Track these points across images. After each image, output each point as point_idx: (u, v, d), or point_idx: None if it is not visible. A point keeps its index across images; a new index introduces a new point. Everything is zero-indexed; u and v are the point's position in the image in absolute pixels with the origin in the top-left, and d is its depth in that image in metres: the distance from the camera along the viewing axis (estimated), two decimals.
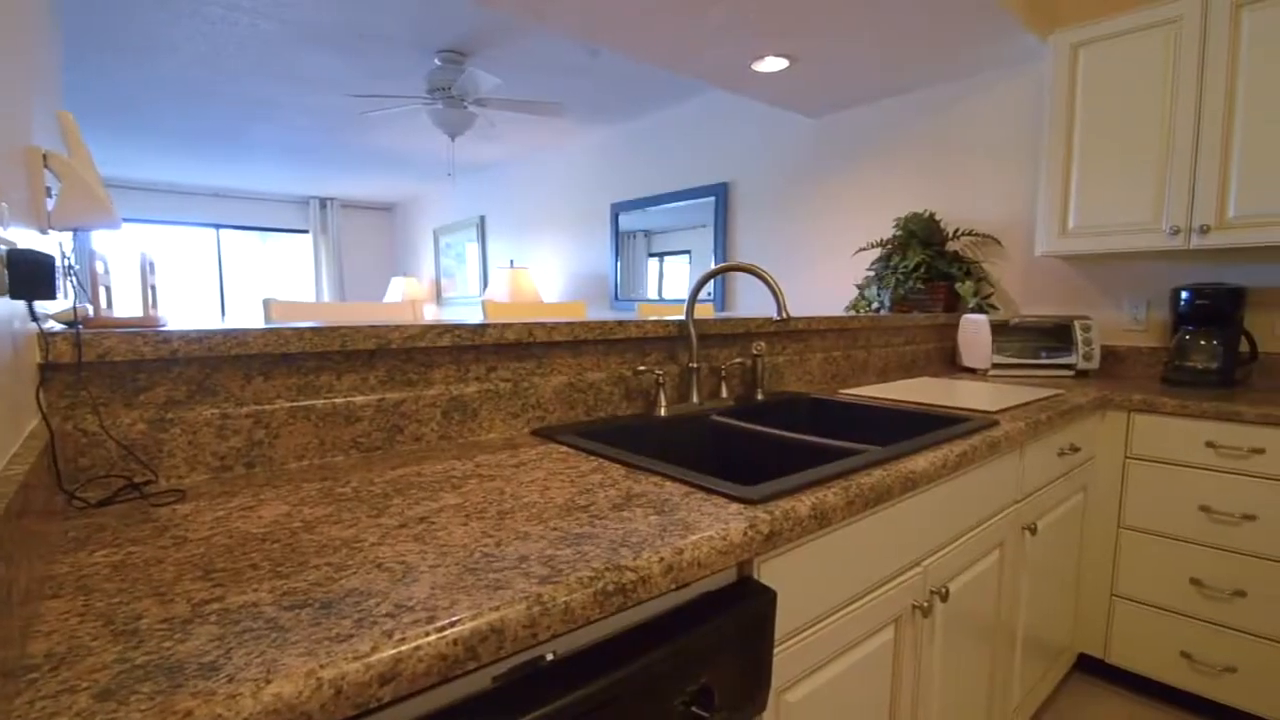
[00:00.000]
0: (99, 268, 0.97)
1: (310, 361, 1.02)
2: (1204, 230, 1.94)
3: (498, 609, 0.54)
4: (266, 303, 1.66)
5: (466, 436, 1.17)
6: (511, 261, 5.28)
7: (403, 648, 0.49)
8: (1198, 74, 1.94)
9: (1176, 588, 1.81)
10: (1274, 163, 1.83)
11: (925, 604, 1.13)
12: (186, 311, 6.93)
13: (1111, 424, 1.89)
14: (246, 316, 7.22)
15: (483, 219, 6.29)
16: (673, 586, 0.67)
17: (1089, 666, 2.07)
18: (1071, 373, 2.26)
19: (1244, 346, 2.06)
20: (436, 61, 3.39)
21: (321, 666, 0.46)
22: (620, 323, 1.38)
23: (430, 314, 7.36)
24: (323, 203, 7.53)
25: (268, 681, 0.44)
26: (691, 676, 0.68)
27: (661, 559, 0.65)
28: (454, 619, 0.52)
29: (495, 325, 1.18)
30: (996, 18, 2.21)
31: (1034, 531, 1.53)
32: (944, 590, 1.18)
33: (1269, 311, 2.11)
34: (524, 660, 0.59)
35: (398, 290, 6.84)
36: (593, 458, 1.04)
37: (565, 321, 1.29)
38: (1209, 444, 1.73)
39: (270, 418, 0.98)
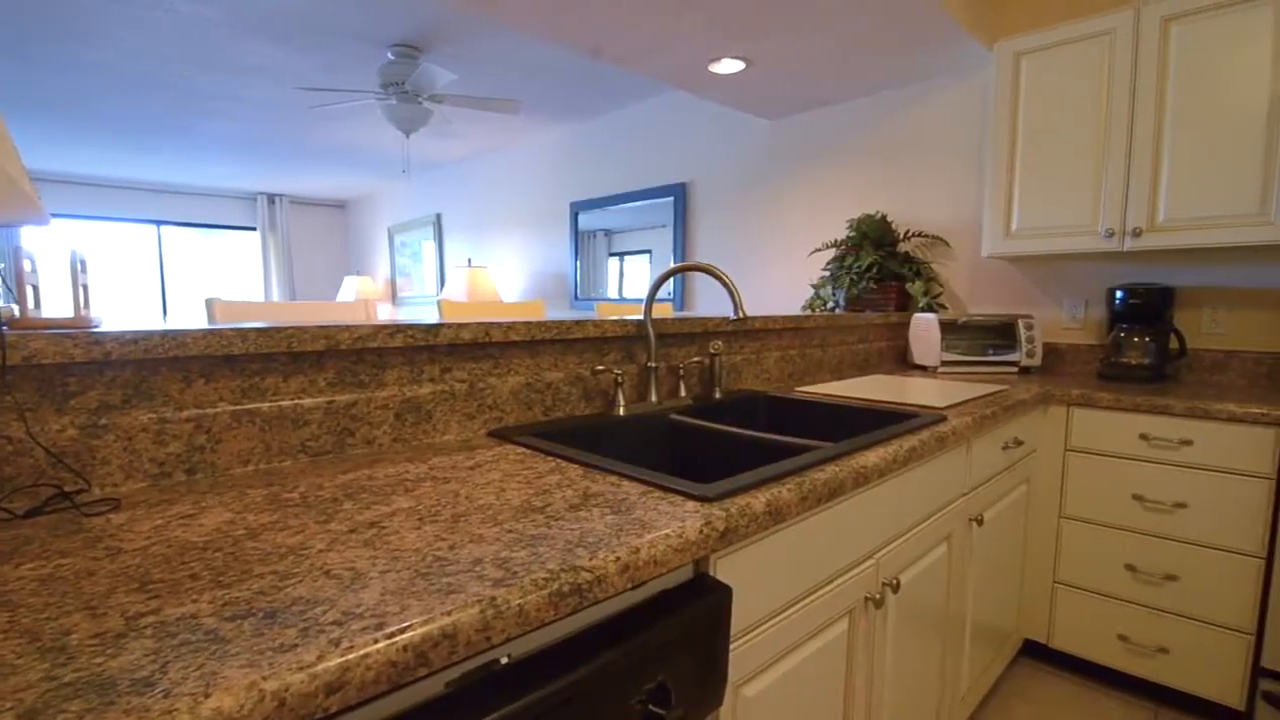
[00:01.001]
0: (26, 266, 0.92)
1: (255, 363, 0.98)
2: (1137, 233, 2.04)
3: (450, 613, 0.53)
4: (209, 302, 1.60)
5: (421, 439, 1.15)
6: (469, 260, 5.21)
7: (350, 656, 0.48)
8: (1130, 84, 2.04)
9: (1113, 573, 1.89)
10: (1200, 169, 1.93)
11: (878, 596, 1.16)
12: (124, 312, 6.63)
13: (1052, 418, 1.97)
14: (188, 317, 6.95)
15: (439, 217, 6.19)
16: (629, 585, 0.67)
17: (1034, 651, 2.15)
18: (1016, 369, 2.35)
19: (1173, 343, 2.18)
20: (390, 55, 3.32)
21: (264, 678, 0.44)
22: (578, 322, 1.38)
23: (385, 314, 7.21)
24: (271, 199, 7.30)
25: (206, 695, 0.42)
26: (648, 675, 0.68)
27: (618, 558, 0.65)
28: (405, 625, 0.51)
29: (450, 325, 1.16)
30: (945, 26, 2.28)
31: (980, 523, 1.59)
32: (895, 582, 1.21)
33: (1196, 310, 2.23)
34: (478, 665, 0.59)
35: (351, 290, 6.68)
36: (550, 458, 1.04)
37: (522, 321, 1.28)
38: (1142, 436, 1.81)
39: (212, 422, 0.94)
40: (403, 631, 0.51)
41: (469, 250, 5.83)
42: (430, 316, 2.01)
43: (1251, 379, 2.12)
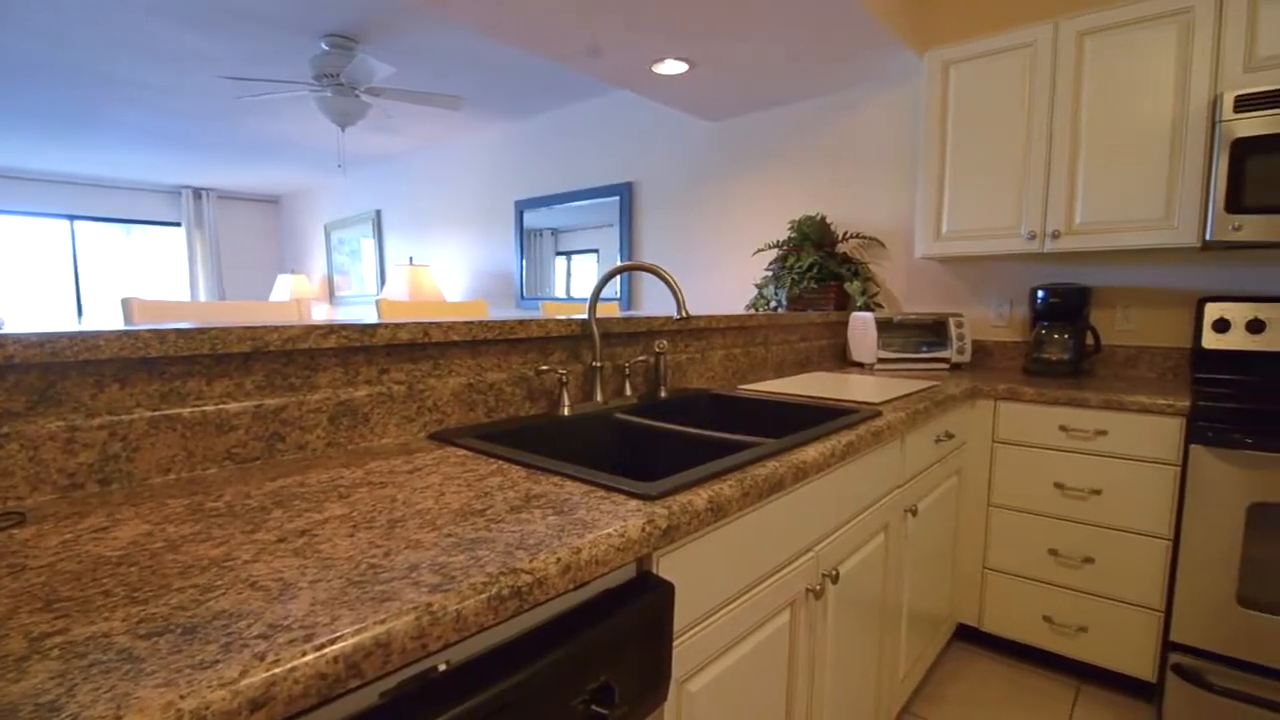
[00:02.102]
0: None
1: (175, 366, 0.93)
2: (1055, 235, 2.16)
3: (384, 622, 0.52)
4: (126, 302, 1.51)
5: (357, 443, 1.12)
6: (411, 259, 5.08)
7: (276, 670, 0.46)
8: (1050, 95, 2.15)
9: (1037, 558, 2.00)
10: (1112, 176, 2.06)
11: (818, 587, 1.19)
12: (32, 312, 6.19)
13: (981, 412, 2.06)
14: (104, 318, 6.54)
15: (379, 214, 6.01)
16: (571, 586, 0.67)
17: (966, 635, 2.25)
18: (947, 366, 2.45)
19: (1090, 340, 2.31)
20: (323, 46, 3.20)
21: (181, 697, 0.42)
22: (521, 322, 1.36)
23: (323, 314, 6.96)
24: (197, 193, 6.94)
25: (118, 718, 0.40)
26: (591, 675, 0.68)
27: (559, 559, 0.65)
28: (335, 635, 0.50)
29: (387, 325, 1.13)
30: (878, 34, 2.36)
31: (915, 513, 1.65)
32: (835, 573, 1.25)
33: (1110, 308, 2.37)
34: (415, 673, 0.57)
35: (285, 289, 6.42)
36: (492, 460, 1.02)
37: (463, 321, 1.25)
38: (1062, 427, 1.92)
39: (128, 429, 0.89)
40: (333, 642, 0.49)
41: (410, 248, 5.69)
42: (369, 316, 1.95)
43: (1160, 372, 2.28)
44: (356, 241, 6.37)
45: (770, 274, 3.05)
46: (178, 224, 6.98)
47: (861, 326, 2.51)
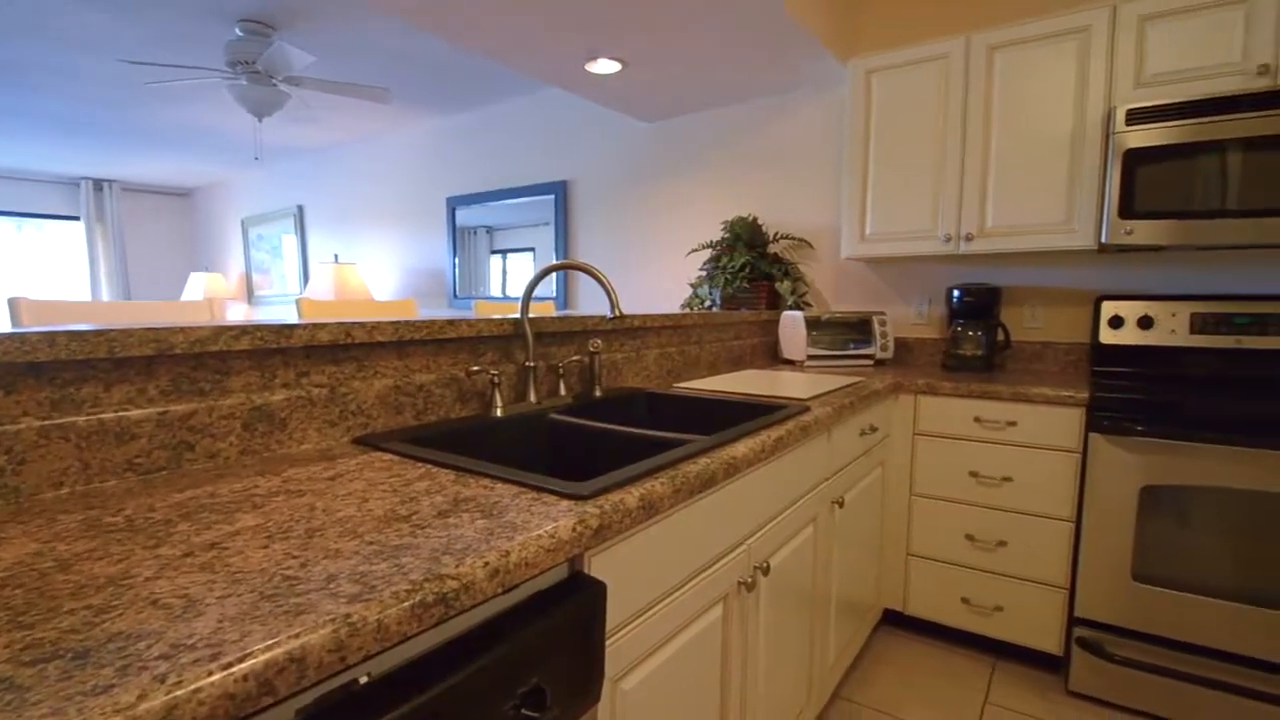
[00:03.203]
0: None
1: (68, 371, 0.87)
2: (969, 238, 2.28)
3: (298, 636, 0.50)
4: (13, 302, 1.39)
5: (274, 449, 1.07)
6: (336, 256, 4.88)
7: (179, 692, 0.43)
8: (963, 104, 2.27)
9: (955, 543, 2.11)
10: (1019, 182, 2.19)
11: (749, 580, 1.21)
12: None
13: (903, 406, 2.15)
14: None
15: (301, 209, 5.75)
16: (500, 590, 0.66)
17: (893, 619, 2.35)
18: (871, 362, 2.55)
19: (1001, 336, 2.45)
20: (238, 31, 3.04)
21: None
22: (451, 321, 1.33)
23: (241, 314, 6.61)
24: (98, 185, 6.45)
25: None
26: (522, 678, 0.68)
27: (487, 563, 0.64)
28: (244, 653, 0.47)
29: (305, 325, 1.08)
30: (804, 41, 2.42)
31: (842, 505, 1.71)
32: (766, 565, 1.28)
33: (1019, 307, 2.52)
34: (335, 687, 0.55)
35: (199, 288, 6.06)
36: (420, 464, 1.00)
37: (389, 321, 1.22)
38: (976, 419, 2.03)
39: (15, 440, 0.82)
40: (242, 660, 0.47)
41: (336, 245, 5.47)
42: (289, 316, 1.86)
43: (1063, 366, 2.44)
44: (277, 238, 6.08)
45: (704, 273, 3.09)
46: (76, 218, 6.48)
47: (792, 325, 2.58)
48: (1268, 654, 1.64)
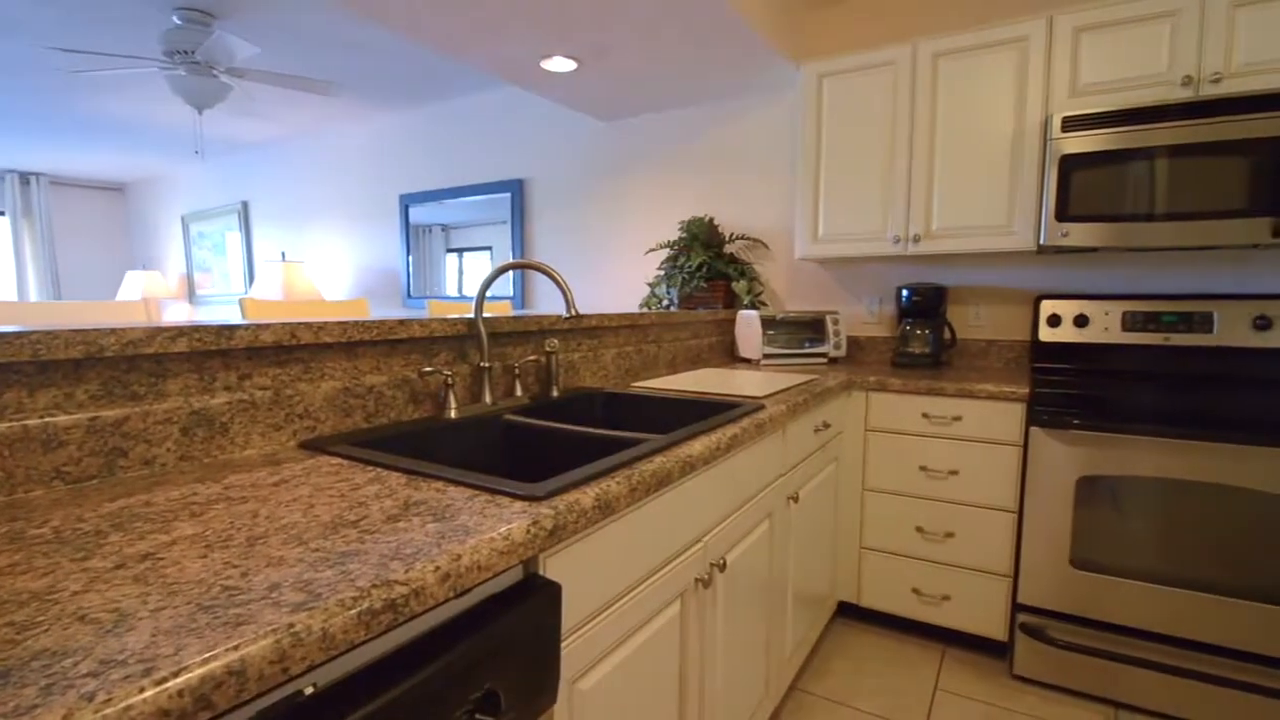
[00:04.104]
0: None
1: None
2: (916, 239, 2.35)
3: (238, 648, 0.48)
4: None
5: (215, 455, 1.03)
6: (284, 254, 4.72)
7: (108, 710, 0.41)
8: (910, 109, 2.33)
9: (906, 535, 2.16)
10: (963, 185, 2.26)
11: (706, 577, 1.22)
12: None
13: (855, 402, 2.20)
14: None
15: (245, 205, 5.55)
16: (452, 594, 0.65)
17: (847, 611, 2.40)
18: (825, 360, 2.60)
19: (948, 335, 2.54)
20: (175, 19, 2.91)
21: None
22: (403, 322, 1.30)
23: (183, 314, 6.34)
24: (25, 178, 6.10)
25: None
26: (475, 683, 0.67)
27: (437, 568, 0.63)
28: (179, 667, 0.45)
29: (248, 326, 1.04)
30: (756, 45, 2.45)
31: (797, 500, 1.74)
32: (722, 562, 1.29)
33: (964, 306, 2.61)
34: (279, 699, 0.53)
35: (136, 287, 5.79)
36: (370, 468, 0.97)
37: (337, 321, 1.18)
38: (924, 415, 2.09)
39: None
40: (176, 674, 0.45)
41: (283, 243, 5.30)
42: (232, 317, 1.80)
43: (1005, 363, 2.53)
44: (220, 235, 5.85)
45: (662, 273, 3.10)
46: (1, 213, 6.11)
47: (747, 324, 2.61)
48: (1196, 634, 1.73)
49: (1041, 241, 2.09)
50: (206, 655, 0.47)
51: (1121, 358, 2.23)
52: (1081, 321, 2.27)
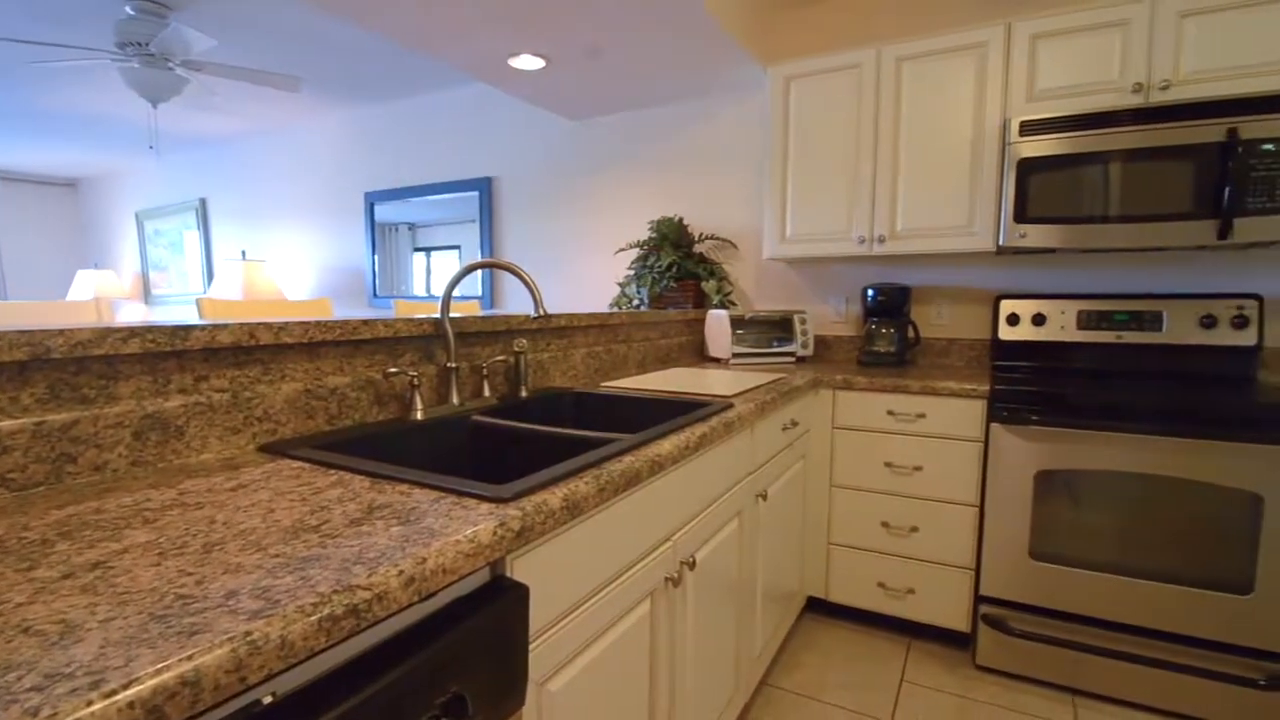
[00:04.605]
0: None
1: None
2: (881, 240, 2.39)
3: (192, 658, 0.47)
4: None
5: (170, 460, 1.00)
6: (244, 253, 4.61)
7: None
8: (875, 111, 2.37)
9: (872, 530, 2.20)
10: (926, 187, 2.31)
11: (676, 575, 1.23)
12: None
13: (822, 400, 2.23)
14: None
15: (204, 202, 5.40)
16: (417, 598, 0.64)
17: (816, 606, 2.44)
18: (793, 359, 2.63)
19: (912, 333, 2.59)
20: (128, 9, 2.82)
21: None
22: (367, 321, 1.28)
23: (137, 314, 6.14)
24: None
25: None
26: (441, 687, 0.66)
27: (401, 571, 0.62)
28: (130, 678, 0.44)
29: (204, 327, 1.01)
30: (728, 46, 2.47)
31: (765, 498, 1.76)
32: (692, 560, 1.30)
33: (927, 305, 2.66)
34: (236, 709, 0.52)
35: (88, 287, 5.58)
36: (333, 471, 0.95)
37: (298, 321, 1.16)
38: (889, 412, 2.13)
39: None
40: (127, 686, 0.43)
41: (244, 242, 5.16)
42: (189, 317, 1.75)
43: (967, 361, 2.59)
44: (177, 233, 5.67)
45: (632, 273, 3.10)
46: None
47: (717, 324, 2.63)
48: (1150, 622, 1.79)
49: (1001, 242, 2.15)
50: (159, 666, 0.45)
51: (1077, 355, 2.30)
52: (1039, 320, 2.34)
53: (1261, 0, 1.84)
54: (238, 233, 5.21)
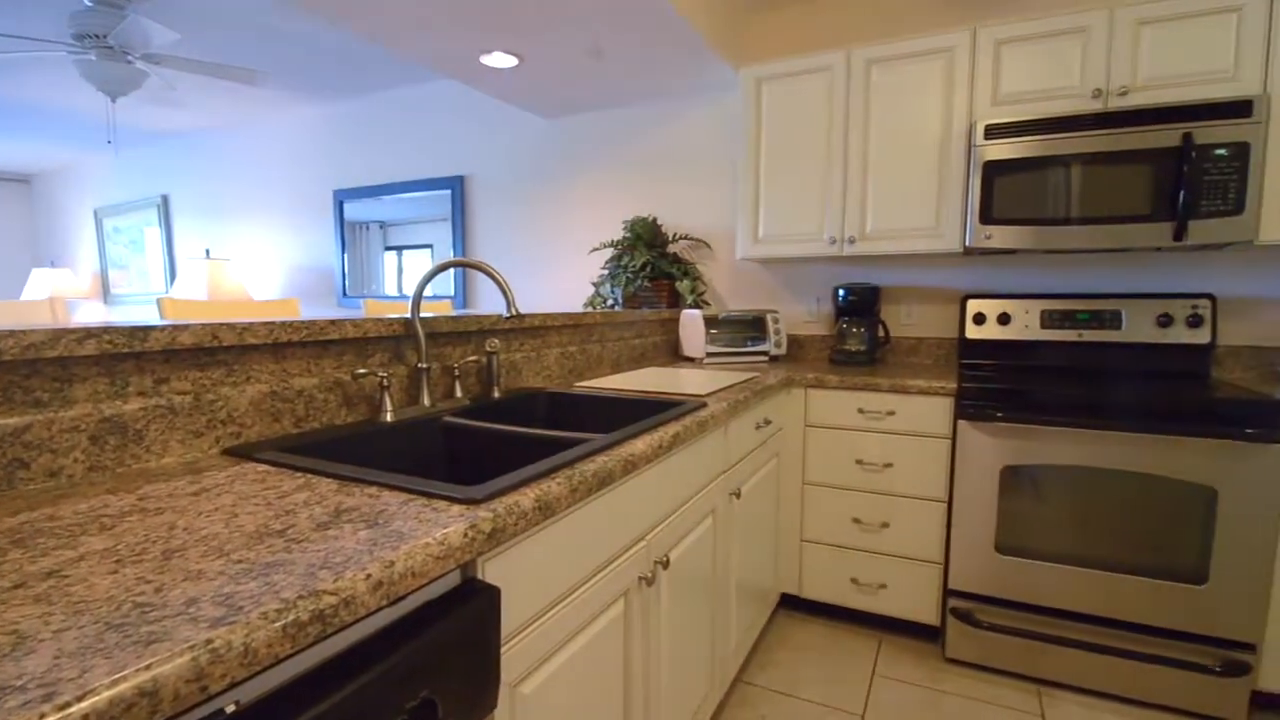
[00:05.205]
0: None
1: None
2: (852, 240, 2.42)
3: (150, 667, 0.45)
4: None
5: (129, 464, 0.97)
6: (208, 251, 4.49)
7: None
8: (845, 114, 2.40)
9: (844, 527, 2.23)
10: (896, 189, 2.35)
11: (650, 575, 1.23)
12: None
13: (795, 399, 2.26)
14: None
15: (166, 199, 5.25)
16: (385, 602, 0.63)
17: (790, 603, 2.46)
18: (766, 358, 2.65)
19: (881, 333, 2.62)
20: (86, 1, 2.73)
21: None
22: (334, 322, 1.26)
23: (95, 314, 5.95)
24: None
25: None
26: (410, 692, 0.65)
27: (369, 576, 0.61)
28: (85, 690, 0.43)
29: (164, 327, 0.99)
30: (700, 47, 2.48)
31: (739, 496, 1.77)
32: (666, 559, 1.30)
33: (896, 305, 2.71)
34: (198, 719, 0.51)
35: (43, 286, 5.40)
36: (299, 474, 0.94)
37: (263, 321, 1.13)
38: (860, 410, 2.16)
39: None
40: (81, 698, 0.42)
41: (208, 240, 5.04)
42: (150, 317, 1.70)
43: (935, 359, 2.64)
44: (138, 230, 5.51)
45: (606, 272, 3.10)
46: None
47: (691, 323, 2.64)
48: (1111, 612, 1.85)
49: (967, 243, 2.19)
50: (115, 676, 0.44)
51: (1041, 353, 2.36)
52: (1004, 320, 2.39)
53: (1214, 10, 1.90)
54: (202, 230, 5.08)
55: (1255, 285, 2.19)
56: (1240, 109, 1.84)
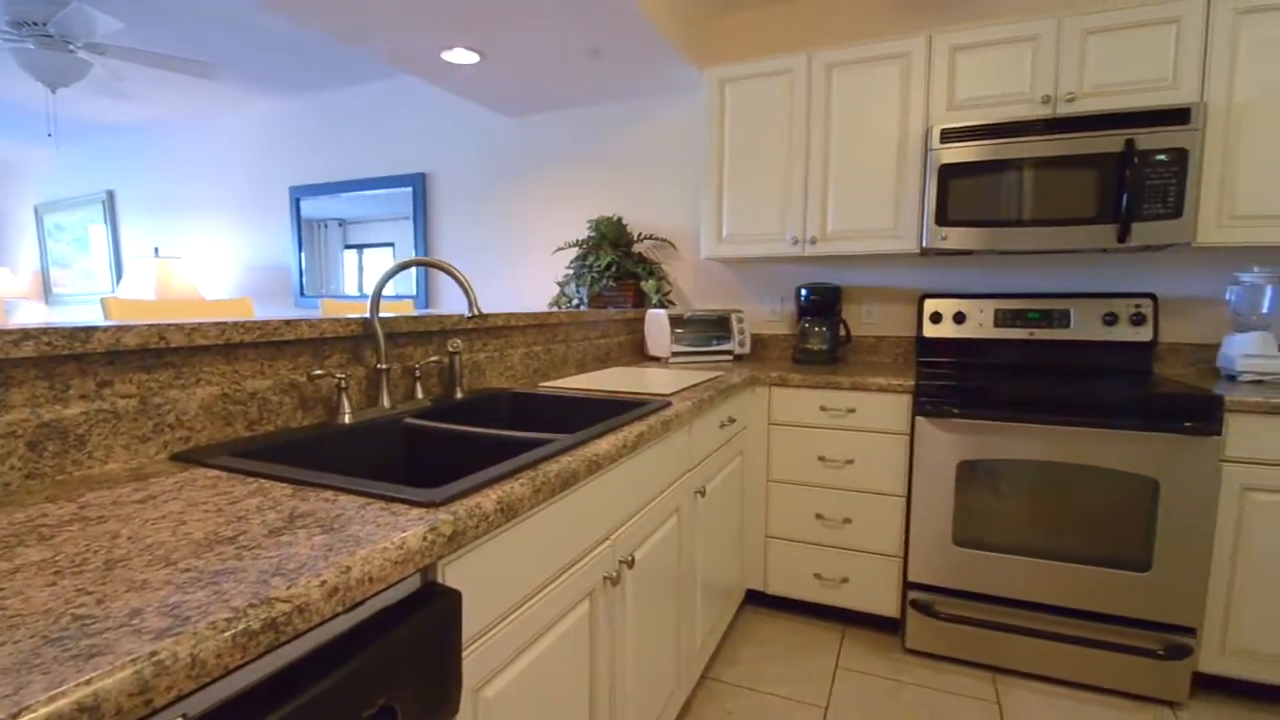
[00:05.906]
0: None
1: None
2: (813, 241, 2.46)
3: (90, 682, 0.44)
4: None
5: (70, 471, 0.93)
6: (156, 250, 4.33)
7: None
8: (806, 116, 2.44)
9: (807, 523, 2.27)
10: (855, 190, 2.39)
11: (615, 574, 1.23)
12: None
13: (758, 397, 2.28)
14: None
15: (111, 195, 5.05)
16: (341, 609, 0.62)
17: (755, 599, 2.49)
18: (731, 358, 2.68)
19: (843, 332, 2.67)
20: None
21: None
22: (289, 322, 1.23)
23: (37, 315, 5.69)
24: None
25: None
26: (368, 700, 0.64)
27: (324, 582, 0.60)
28: (19, 708, 0.41)
29: (108, 328, 0.95)
30: (663, 48, 2.49)
31: (704, 494, 1.78)
32: (631, 559, 1.30)
33: (857, 304, 2.76)
34: None
35: None
36: (251, 479, 0.91)
37: (213, 322, 1.10)
38: (822, 408, 2.19)
39: None
40: (16, 716, 0.40)
41: (157, 238, 4.86)
42: (95, 318, 1.63)
43: (894, 358, 2.70)
44: (81, 228, 5.28)
45: (571, 272, 3.09)
46: None
47: (657, 323, 2.65)
48: (1062, 600, 1.91)
49: (924, 244, 2.24)
50: (53, 693, 0.42)
51: (995, 351, 2.43)
52: (960, 318, 2.45)
53: (1155, 21, 1.99)
54: (150, 228, 4.90)
55: (1193, 285, 2.30)
56: (1179, 116, 1.92)
